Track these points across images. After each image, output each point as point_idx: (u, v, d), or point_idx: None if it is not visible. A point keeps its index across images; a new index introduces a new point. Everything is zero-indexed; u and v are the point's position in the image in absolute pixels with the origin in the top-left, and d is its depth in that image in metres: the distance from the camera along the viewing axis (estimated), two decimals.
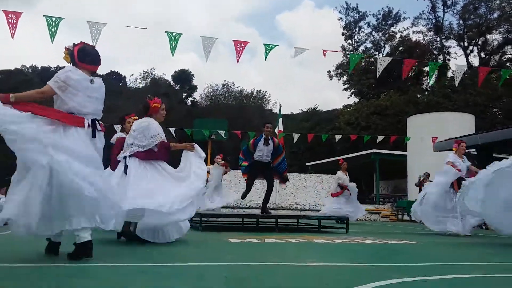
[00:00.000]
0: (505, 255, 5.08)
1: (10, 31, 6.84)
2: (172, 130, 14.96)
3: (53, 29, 6.48)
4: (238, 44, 6.93)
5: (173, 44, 6.66)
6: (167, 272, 2.95)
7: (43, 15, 6.64)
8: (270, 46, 7.04)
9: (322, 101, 77.59)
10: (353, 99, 41.22)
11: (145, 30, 7.44)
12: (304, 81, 78.03)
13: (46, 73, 54.63)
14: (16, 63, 75.65)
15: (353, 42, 42.68)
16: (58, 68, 56.87)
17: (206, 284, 2.53)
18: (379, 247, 5.46)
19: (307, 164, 29.35)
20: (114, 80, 59.49)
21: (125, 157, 4.66)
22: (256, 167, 8.32)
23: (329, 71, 42.73)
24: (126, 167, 4.58)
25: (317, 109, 45.15)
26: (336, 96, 71.26)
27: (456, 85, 10.94)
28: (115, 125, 11.75)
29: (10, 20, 6.78)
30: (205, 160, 11.93)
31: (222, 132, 13.44)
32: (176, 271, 3.05)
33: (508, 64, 34.67)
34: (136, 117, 5.46)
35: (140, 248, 4.54)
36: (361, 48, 42.34)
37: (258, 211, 8.62)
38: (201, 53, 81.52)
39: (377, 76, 8.33)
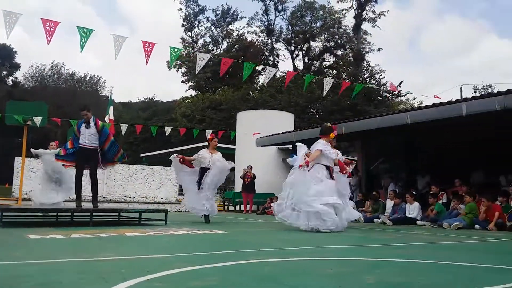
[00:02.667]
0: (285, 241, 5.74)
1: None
2: None
3: None
4: (47, 24, 6.29)
5: None
6: None
7: None
8: (85, 30, 6.58)
9: (162, 92, 76.76)
10: (191, 92, 41.79)
11: None
12: (144, 70, 76.10)
13: None
14: None
15: (193, 35, 43.17)
16: None
17: None
18: (189, 238, 5.68)
19: (141, 155, 28.79)
20: None
21: None
22: (81, 155, 7.94)
23: (167, 62, 42.51)
24: None
25: (155, 99, 44.52)
26: (176, 87, 71.21)
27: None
28: None
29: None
30: (21, 148, 10.64)
31: (39, 119, 12.23)
32: None
33: (326, 70, 39.17)
34: None
35: None
36: (200, 41, 43.14)
37: (90, 205, 8.11)
38: (29, 30, 72.94)
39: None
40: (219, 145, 21.19)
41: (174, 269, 2.96)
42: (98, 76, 49.54)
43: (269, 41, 42.33)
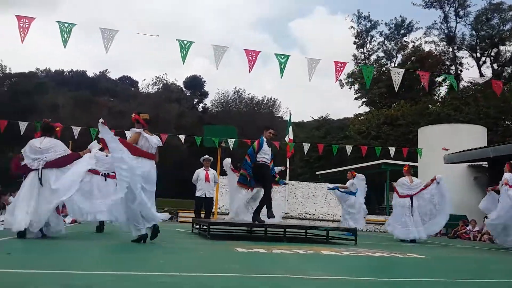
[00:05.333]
0: None
1: (21, 35, 6.95)
2: (182, 137, 15.03)
3: (65, 35, 6.59)
4: (250, 54, 6.95)
5: (184, 52, 6.72)
6: (173, 282, 2.95)
7: (56, 21, 6.76)
8: (283, 57, 7.02)
9: (333, 110, 77.54)
10: (364, 108, 41.13)
11: (157, 37, 7.50)
12: (316, 89, 78.08)
13: (59, 77, 55.37)
14: (30, 66, 76.76)
15: (365, 51, 42.64)
16: (72, 72, 57.62)
17: None
18: (387, 261, 5.41)
19: (317, 173, 29.25)
20: (126, 85, 60.13)
21: None
22: (257, 172, 7.90)
23: (340, 80, 42.74)
24: None
25: (328, 117, 45.03)
26: (347, 105, 71.20)
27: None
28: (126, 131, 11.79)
29: (21, 25, 6.90)
30: (215, 168, 11.81)
31: (232, 140, 13.42)
32: (182, 281, 3.05)
33: None
34: None
35: (147, 255, 4.56)
36: (373, 57, 42.31)
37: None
38: (213, 60, 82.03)
39: (396, 89, 8.15)
40: (398, 162, 20.01)
41: None
42: (274, 98, 52.54)
43: (450, 49, 39.21)
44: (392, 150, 14.57)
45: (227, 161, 10.38)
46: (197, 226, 9.48)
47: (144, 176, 5.67)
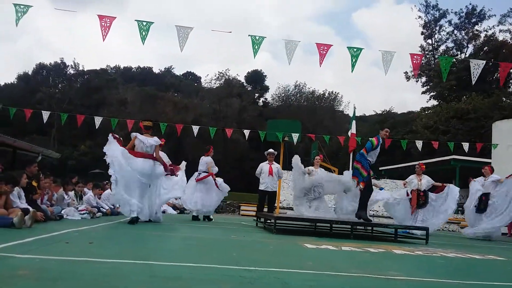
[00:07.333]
0: None
1: (102, 34, 7.30)
2: (246, 132, 15.17)
3: (144, 33, 6.85)
4: (321, 48, 6.84)
5: (256, 47, 6.75)
6: (251, 277, 2.98)
7: (135, 20, 7.03)
8: (355, 50, 6.82)
9: (397, 103, 74.98)
10: (432, 102, 39.41)
11: (228, 34, 7.58)
12: (379, 82, 75.85)
13: (128, 73, 57.93)
14: (101, 63, 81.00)
15: (433, 42, 40.78)
16: (139, 68, 60.06)
17: None
18: (464, 262, 5.14)
19: (380, 168, 28.46)
20: (190, 80, 61.74)
21: None
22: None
23: (406, 72, 41.21)
24: None
25: (392, 111, 43.64)
26: (412, 98, 68.66)
27: None
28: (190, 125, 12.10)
29: (103, 24, 7.23)
30: (278, 162, 11.82)
31: (296, 135, 13.36)
32: (259, 275, 3.08)
33: None
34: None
35: (219, 248, 4.66)
36: (442, 48, 40.37)
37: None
38: (274, 53, 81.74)
39: (473, 82, 7.67)
40: (468, 158, 18.92)
41: None
42: (335, 92, 51.71)
43: None
44: (465, 145, 13.80)
45: (297, 159, 10.31)
46: (262, 220, 9.56)
47: (138, 171, 7.07)
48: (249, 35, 6.60)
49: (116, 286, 2.39)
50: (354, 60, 6.75)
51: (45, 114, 13.59)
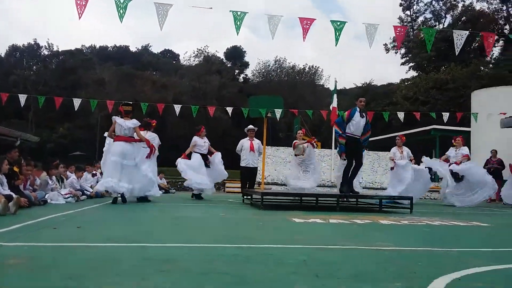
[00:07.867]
0: None
1: (78, 12, 7.05)
2: (229, 109, 15.05)
3: (121, 11, 6.64)
4: (304, 22, 6.72)
5: (238, 23, 6.61)
6: (244, 255, 2.99)
7: None
8: (338, 23, 6.71)
9: (377, 76, 75.35)
10: (411, 73, 39.71)
11: (208, 10, 7.40)
12: (358, 55, 75.91)
13: (103, 52, 56.59)
14: (76, 43, 78.86)
15: (411, 13, 40.81)
16: (115, 47, 58.69)
17: (288, 269, 2.53)
18: (451, 229, 5.26)
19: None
20: (168, 58, 60.75)
21: None
22: (350, 143, 7.96)
23: (385, 44, 41.28)
24: None
25: (372, 83, 43.83)
26: (392, 70, 68.96)
27: None
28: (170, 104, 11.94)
29: (79, 2, 6.98)
30: (261, 139, 11.84)
31: (279, 111, 13.30)
32: (252, 253, 3.08)
33: None
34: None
35: (210, 226, 4.65)
36: (420, 19, 40.48)
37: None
38: (254, 29, 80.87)
39: (457, 53, 7.68)
40: (448, 127, 19.18)
41: (475, 268, 2.69)
42: (316, 66, 51.62)
43: (504, 8, 36.81)
44: (445, 115, 13.99)
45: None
46: (249, 197, 9.60)
47: (120, 154, 7.45)
48: (230, 11, 6.48)
49: (110, 270, 2.37)
50: (337, 33, 6.68)
51: (22, 98, 13.22)
